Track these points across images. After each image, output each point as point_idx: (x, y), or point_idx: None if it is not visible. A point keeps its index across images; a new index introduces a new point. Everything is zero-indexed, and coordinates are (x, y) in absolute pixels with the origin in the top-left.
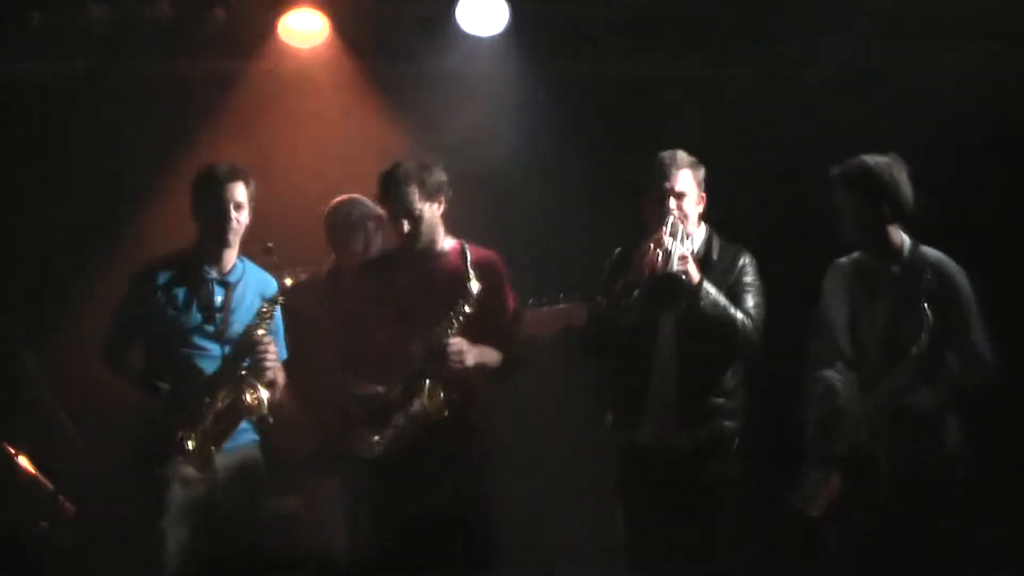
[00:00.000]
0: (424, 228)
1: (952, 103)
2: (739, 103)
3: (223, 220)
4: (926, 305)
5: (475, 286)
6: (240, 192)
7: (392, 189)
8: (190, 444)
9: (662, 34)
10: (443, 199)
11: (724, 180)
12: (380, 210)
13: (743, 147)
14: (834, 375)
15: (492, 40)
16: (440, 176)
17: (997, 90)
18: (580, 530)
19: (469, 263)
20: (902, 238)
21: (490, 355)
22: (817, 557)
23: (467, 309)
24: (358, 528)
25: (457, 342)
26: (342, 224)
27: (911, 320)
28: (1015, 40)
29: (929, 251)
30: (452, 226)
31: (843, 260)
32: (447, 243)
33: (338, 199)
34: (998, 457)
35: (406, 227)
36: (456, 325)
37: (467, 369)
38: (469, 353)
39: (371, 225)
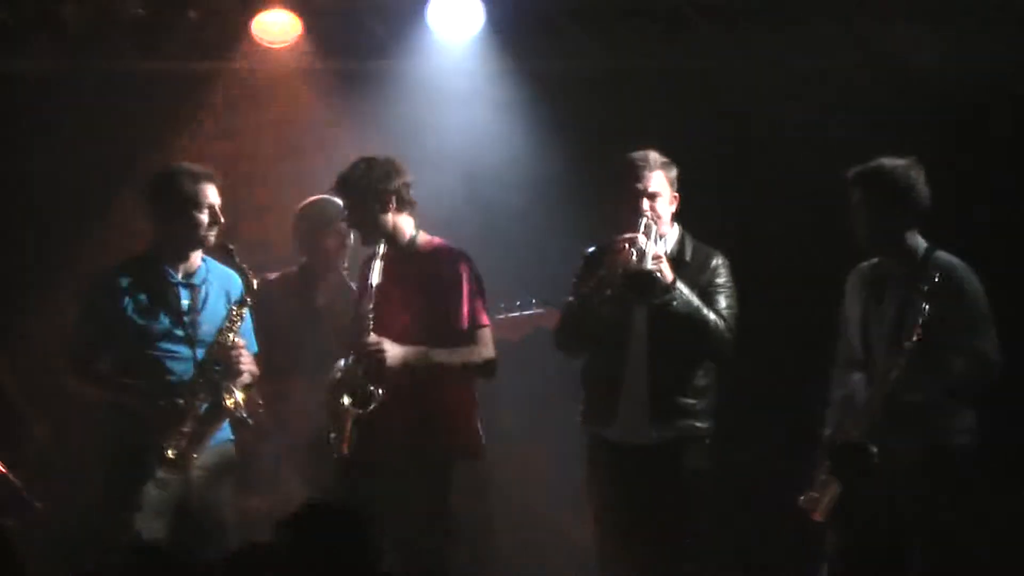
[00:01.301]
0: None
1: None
2: (718, 99)
3: (195, 221)
4: (925, 304)
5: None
6: (213, 193)
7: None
8: (171, 453)
9: (637, 29)
10: (394, 199)
11: (701, 179)
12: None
13: (722, 143)
14: (855, 379)
15: (466, 39)
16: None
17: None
18: (553, 527)
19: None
20: (917, 242)
21: (437, 355)
22: (805, 557)
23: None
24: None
25: (376, 340)
26: (313, 224)
27: (915, 320)
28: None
29: (942, 255)
30: (424, 226)
31: (864, 264)
32: (420, 240)
33: (310, 199)
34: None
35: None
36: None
37: (389, 367)
38: (391, 352)
39: (343, 226)
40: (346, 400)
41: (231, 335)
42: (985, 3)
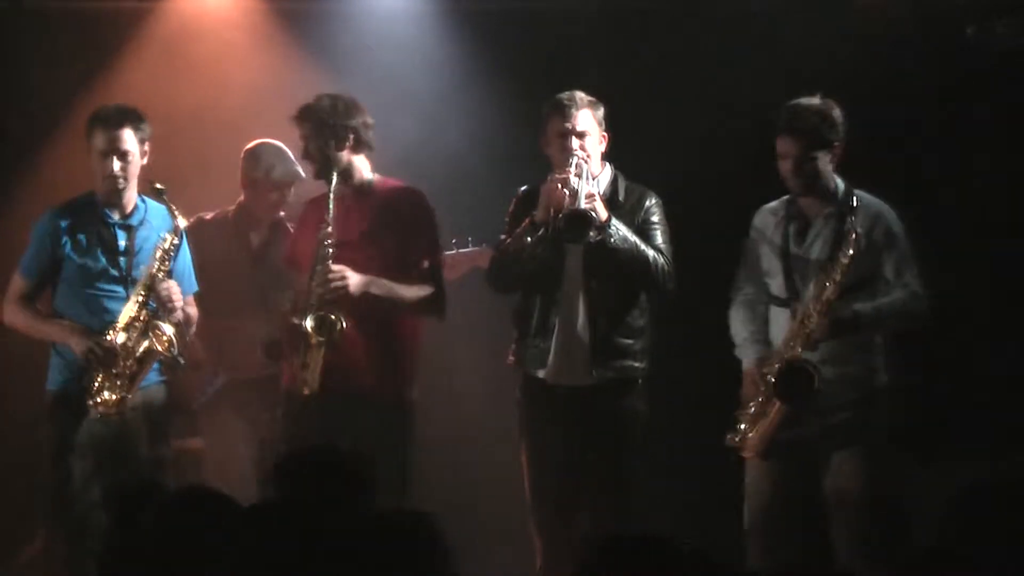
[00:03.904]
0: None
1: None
2: (652, 37)
3: (111, 165)
4: (854, 237)
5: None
6: (128, 136)
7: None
8: (106, 394)
9: None
10: (351, 136)
11: (635, 118)
12: (297, 166)
13: (657, 83)
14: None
15: None
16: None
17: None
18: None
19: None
20: (836, 181)
21: (398, 289)
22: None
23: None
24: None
25: (339, 268)
26: (255, 165)
27: (846, 256)
28: None
29: (862, 194)
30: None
31: (773, 203)
32: (376, 180)
33: (256, 141)
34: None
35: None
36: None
37: (353, 293)
38: (353, 279)
39: (286, 168)
40: (308, 325)
41: (161, 273)
42: None
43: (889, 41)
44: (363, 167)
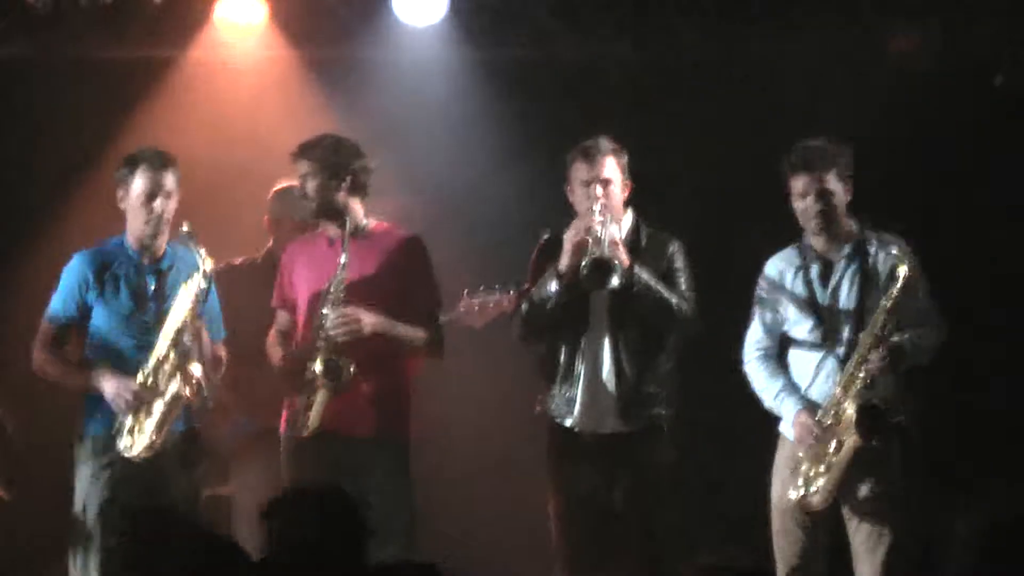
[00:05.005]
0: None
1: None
2: (680, 87)
3: (151, 208)
4: (880, 285)
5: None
6: (169, 179)
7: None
8: (136, 437)
9: (601, 16)
10: (349, 179)
11: (661, 167)
12: None
13: (684, 132)
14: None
15: (430, 27)
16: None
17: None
18: (513, 519)
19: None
20: (850, 222)
21: (404, 329)
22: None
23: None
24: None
25: (352, 311)
26: (282, 210)
27: (869, 300)
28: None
29: (885, 235)
30: (387, 210)
31: (785, 252)
32: (372, 224)
33: (282, 185)
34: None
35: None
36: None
37: (365, 335)
38: (367, 320)
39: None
40: (317, 369)
41: (189, 316)
42: None
43: (920, 91)
44: (358, 209)
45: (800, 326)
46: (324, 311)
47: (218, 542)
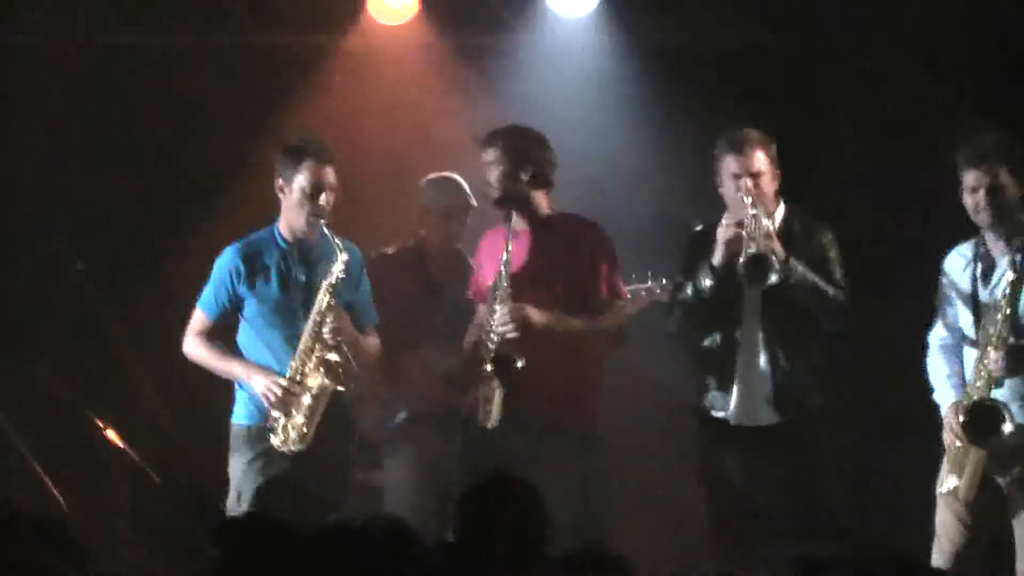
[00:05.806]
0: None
1: None
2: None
3: (312, 199)
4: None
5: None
6: (332, 173)
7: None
8: (287, 430)
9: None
10: (532, 168)
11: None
12: (472, 198)
13: (837, 120)
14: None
15: (583, 13)
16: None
17: None
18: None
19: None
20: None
21: (579, 323)
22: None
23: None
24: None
25: (517, 307)
26: (434, 199)
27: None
28: None
29: None
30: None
31: (962, 246)
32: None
33: (435, 175)
34: None
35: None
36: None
37: (534, 327)
38: (533, 317)
39: (462, 210)
40: (488, 367)
41: (332, 303)
42: None
43: None
44: (541, 199)
45: (966, 322)
46: (494, 307)
47: (393, 526)
